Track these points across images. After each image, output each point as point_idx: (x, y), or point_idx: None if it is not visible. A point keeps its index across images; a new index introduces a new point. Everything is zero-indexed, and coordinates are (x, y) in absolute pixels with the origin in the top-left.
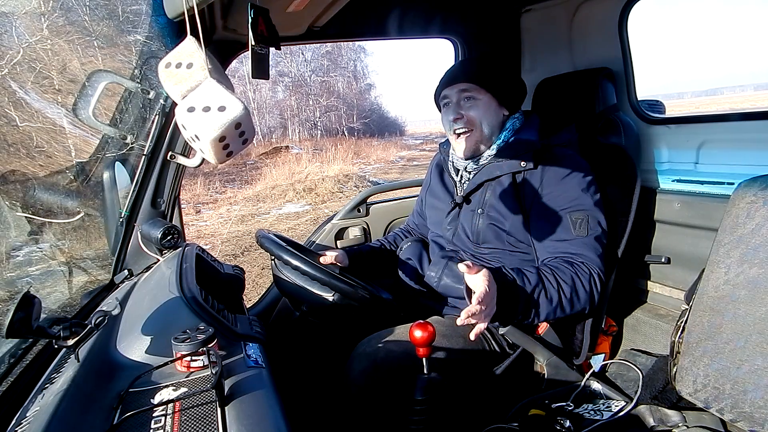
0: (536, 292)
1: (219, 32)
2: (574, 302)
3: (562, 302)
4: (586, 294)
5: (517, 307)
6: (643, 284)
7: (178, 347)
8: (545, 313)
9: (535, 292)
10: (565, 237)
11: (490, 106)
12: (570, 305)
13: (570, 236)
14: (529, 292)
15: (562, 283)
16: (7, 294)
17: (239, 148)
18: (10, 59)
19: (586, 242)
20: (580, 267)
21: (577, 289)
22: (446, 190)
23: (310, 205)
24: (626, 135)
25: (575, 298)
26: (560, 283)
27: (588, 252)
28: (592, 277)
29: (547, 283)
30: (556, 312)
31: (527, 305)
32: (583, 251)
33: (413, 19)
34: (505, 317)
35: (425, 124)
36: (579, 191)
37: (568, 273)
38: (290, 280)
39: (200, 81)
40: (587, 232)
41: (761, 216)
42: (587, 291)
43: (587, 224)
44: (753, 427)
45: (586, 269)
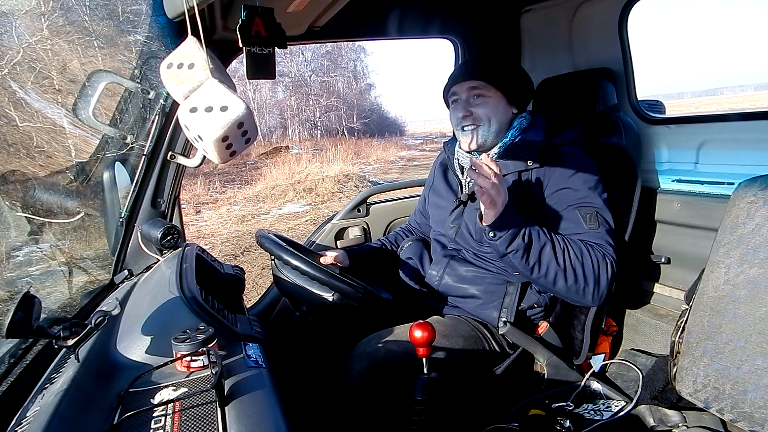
0: (543, 239)
1: (219, 32)
2: (578, 273)
3: (565, 267)
4: (593, 272)
5: (522, 237)
6: (643, 284)
7: (178, 347)
8: (546, 266)
9: (542, 239)
10: (578, 230)
11: (499, 104)
12: (573, 274)
13: (582, 229)
14: (536, 234)
15: (571, 250)
16: (7, 294)
17: (242, 148)
18: (10, 59)
19: (600, 234)
20: (594, 248)
21: (584, 262)
22: (450, 188)
23: (310, 205)
24: (626, 135)
25: (580, 269)
26: (570, 246)
27: (601, 241)
28: (605, 259)
29: (556, 241)
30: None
31: (530, 244)
32: (597, 240)
33: (413, 19)
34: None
35: (425, 124)
36: (587, 189)
37: (579, 245)
38: (290, 280)
39: (202, 81)
40: (598, 226)
41: (761, 216)
42: (595, 268)
43: (597, 219)
44: (753, 427)
45: (600, 251)
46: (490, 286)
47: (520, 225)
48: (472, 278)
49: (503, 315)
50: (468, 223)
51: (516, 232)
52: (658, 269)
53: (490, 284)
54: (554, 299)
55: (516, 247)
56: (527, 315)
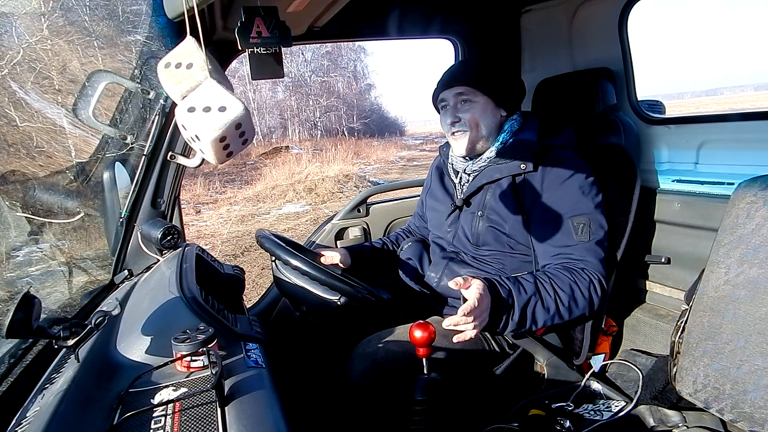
0: (532, 302)
1: (219, 32)
2: (573, 309)
3: (559, 311)
4: (585, 301)
5: (512, 317)
6: (643, 284)
7: (178, 347)
8: (542, 321)
9: (531, 302)
10: (567, 243)
11: (486, 108)
12: (568, 312)
13: (572, 242)
14: (525, 302)
15: (560, 292)
16: (7, 294)
17: (239, 148)
18: (10, 59)
19: (588, 247)
20: (580, 274)
21: (576, 297)
22: (446, 192)
23: (310, 205)
24: (626, 135)
25: (573, 305)
26: (557, 292)
27: (590, 257)
28: (592, 283)
29: (544, 293)
30: (553, 319)
31: (523, 316)
32: (585, 256)
33: (413, 19)
34: (500, 327)
35: (425, 124)
36: (580, 195)
37: (567, 281)
38: (290, 280)
39: (200, 81)
40: (589, 237)
41: (761, 216)
42: (586, 298)
43: (589, 229)
44: (753, 427)
45: (586, 276)
46: None
47: (507, 310)
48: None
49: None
50: (464, 228)
51: (507, 319)
52: (658, 269)
53: None
54: None
55: (512, 328)
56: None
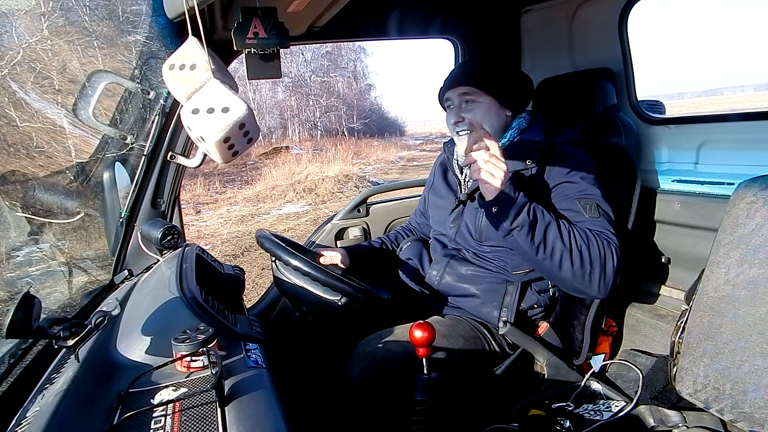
0: (546, 217)
1: (219, 32)
2: (584, 257)
3: (572, 248)
4: (599, 257)
5: (528, 210)
6: (643, 284)
7: (178, 347)
8: (551, 243)
9: (545, 217)
10: (579, 219)
11: (491, 109)
12: (579, 257)
13: (583, 218)
14: (539, 211)
15: (575, 233)
16: (7, 294)
17: (244, 148)
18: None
19: (601, 222)
20: (598, 234)
21: (590, 247)
22: (450, 188)
23: (310, 205)
24: (626, 135)
25: (586, 252)
26: (572, 231)
27: (604, 229)
28: (609, 245)
29: (561, 222)
30: (562, 255)
31: (534, 221)
32: (600, 228)
33: (413, 19)
34: (515, 212)
35: (425, 124)
36: (585, 183)
37: (584, 231)
38: (290, 280)
39: (204, 82)
40: (599, 215)
41: (761, 216)
42: (601, 255)
43: (598, 209)
44: (753, 427)
45: (604, 238)
46: (490, 286)
47: (524, 201)
48: (471, 277)
49: (503, 315)
50: (468, 223)
51: (520, 207)
52: (658, 269)
53: (490, 283)
54: (554, 299)
55: (521, 222)
56: (527, 315)
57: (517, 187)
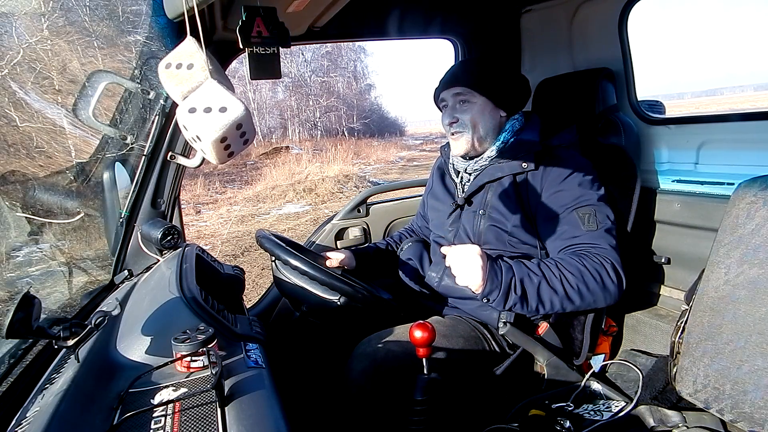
0: (535, 278)
1: (219, 33)
2: (583, 292)
3: (567, 292)
4: (597, 284)
5: (514, 289)
6: (643, 284)
7: (178, 347)
8: (548, 301)
9: (534, 278)
10: (575, 234)
11: (485, 109)
12: (578, 295)
13: (580, 232)
14: (526, 275)
15: (566, 273)
16: (7, 294)
17: (240, 149)
18: (10, 60)
19: (598, 235)
20: (590, 257)
21: (585, 280)
22: (447, 192)
23: (310, 205)
24: (626, 135)
25: (582, 288)
26: (563, 272)
27: (601, 243)
28: (604, 267)
29: (548, 272)
30: (563, 302)
31: (524, 291)
32: (597, 242)
33: (413, 19)
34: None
35: (425, 124)
36: (582, 189)
37: (574, 264)
38: (290, 280)
39: (201, 82)
40: (597, 226)
41: (761, 216)
42: (597, 281)
43: (595, 218)
44: (753, 427)
45: (597, 260)
46: None
47: (509, 279)
48: None
49: (503, 316)
50: (466, 226)
51: (507, 289)
52: (658, 269)
53: None
54: None
55: (513, 302)
56: (527, 316)
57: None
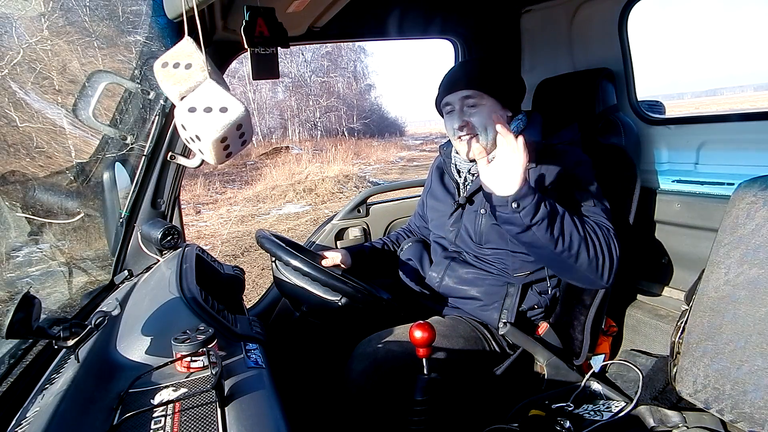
0: (560, 209)
1: (219, 33)
2: (595, 243)
3: (585, 238)
4: (606, 243)
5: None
6: (643, 285)
7: (178, 348)
8: (569, 233)
9: (559, 208)
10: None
11: (494, 110)
12: (592, 244)
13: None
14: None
15: (584, 221)
16: (7, 294)
17: (238, 149)
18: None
19: (597, 213)
20: (599, 224)
21: (597, 234)
22: (447, 191)
23: (310, 205)
24: (626, 135)
25: (595, 239)
26: (583, 220)
27: (602, 220)
28: (609, 236)
29: (573, 214)
30: (580, 244)
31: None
32: (597, 218)
33: (413, 19)
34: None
35: (425, 124)
36: (581, 182)
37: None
38: (290, 280)
39: (200, 82)
40: (597, 208)
41: (761, 216)
42: (607, 244)
43: (593, 202)
44: (753, 427)
45: (605, 227)
46: (491, 288)
47: (541, 195)
48: (472, 280)
49: (503, 316)
50: (467, 226)
51: (540, 200)
52: (658, 269)
53: (491, 286)
54: (554, 300)
55: (542, 216)
56: (527, 316)
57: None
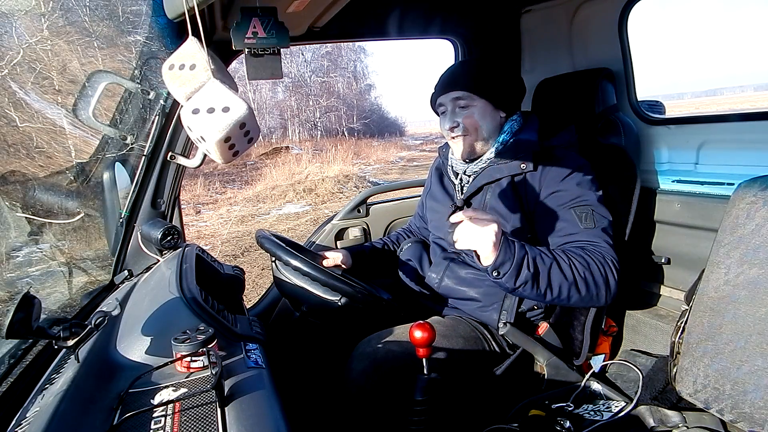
0: (547, 260)
1: (219, 32)
2: (589, 284)
3: (576, 281)
4: (602, 278)
5: (527, 265)
6: (643, 285)
7: (178, 348)
8: (557, 285)
9: (546, 260)
10: (573, 231)
11: (485, 112)
12: (585, 286)
13: (578, 229)
14: (538, 255)
15: (575, 262)
16: (7, 294)
17: (245, 148)
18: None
19: (596, 233)
20: (594, 253)
21: (592, 272)
22: (446, 193)
23: (310, 205)
24: (626, 135)
25: (590, 278)
26: (572, 260)
27: (600, 241)
28: (606, 263)
29: (560, 258)
30: (570, 290)
31: (536, 269)
32: (595, 240)
33: (413, 19)
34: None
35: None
36: (581, 189)
37: (581, 255)
38: (290, 280)
39: (204, 82)
40: (594, 224)
41: (761, 216)
42: (602, 275)
43: (593, 217)
44: (753, 427)
45: (600, 255)
46: (490, 289)
47: (522, 254)
48: (471, 281)
49: (503, 317)
50: None
51: (520, 264)
52: (658, 270)
53: (490, 287)
54: None
55: (524, 279)
56: (527, 316)
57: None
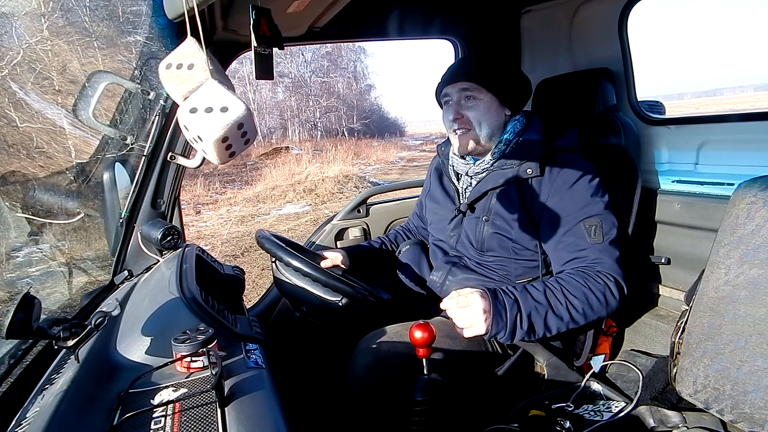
0: (541, 310)
1: (219, 33)
2: (587, 314)
3: (572, 317)
4: (601, 304)
5: (520, 325)
6: (643, 285)
7: (178, 348)
8: (555, 328)
9: (540, 310)
10: (581, 246)
11: (491, 107)
12: (583, 318)
13: (586, 245)
14: (533, 309)
15: (572, 299)
16: (7, 295)
17: (242, 148)
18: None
19: (603, 248)
20: (595, 278)
21: (590, 303)
22: (447, 195)
23: (310, 205)
24: (626, 136)
25: (588, 310)
26: (569, 299)
27: (606, 258)
28: (607, 286)
29: (555, 302)
30: (567, 326)
31: (531, 324)
32: (601, 258)
33: (413, 19)
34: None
35: (425, 124)
36: (588, 197)
37: (579, 287)
38: (290, 281)
39: (202, 82)
40: (602, 238)
41: (761, 217)
42: (601, 302)
43: (601, 229)
44: (753, 428)
45: (601, 280)
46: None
47: (514, 316)
48: (473, 285)
49: None
50: (468, 233)
51: (513, 327)
52: (659, 270)
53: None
54: None
55: (520, 336)
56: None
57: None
